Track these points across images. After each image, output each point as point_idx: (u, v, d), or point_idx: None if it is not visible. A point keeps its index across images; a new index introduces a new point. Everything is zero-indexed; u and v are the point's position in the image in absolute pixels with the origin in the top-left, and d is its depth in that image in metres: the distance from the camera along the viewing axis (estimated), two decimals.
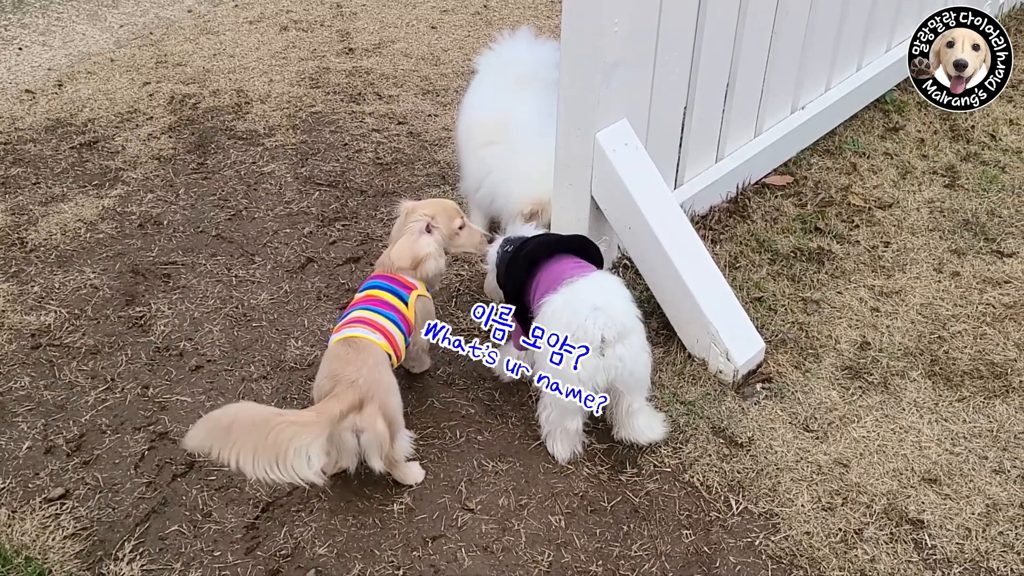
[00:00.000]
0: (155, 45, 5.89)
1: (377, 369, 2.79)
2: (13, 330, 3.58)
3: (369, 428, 2.69)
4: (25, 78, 5.48)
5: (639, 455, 3.06)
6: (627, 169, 3.35)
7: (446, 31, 6.12)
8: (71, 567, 2.71)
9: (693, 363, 3.38)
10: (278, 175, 4.58)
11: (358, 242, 4.08)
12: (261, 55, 5.77)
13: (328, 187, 4.48)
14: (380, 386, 2.76)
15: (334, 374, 2.75)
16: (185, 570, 2.71)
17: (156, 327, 3.61)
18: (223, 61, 5.68)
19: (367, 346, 2.85)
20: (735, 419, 3.17)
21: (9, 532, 2.81)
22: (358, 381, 2.71)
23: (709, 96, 3.88)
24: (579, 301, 2.82)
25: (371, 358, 2.81)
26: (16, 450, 3.10)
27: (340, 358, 2.79)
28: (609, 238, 3.64)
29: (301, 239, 4.12)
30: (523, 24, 6.14)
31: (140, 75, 5.50)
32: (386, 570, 2.71)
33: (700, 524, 2.85)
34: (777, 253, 3.93)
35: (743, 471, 3.00)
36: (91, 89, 5.34)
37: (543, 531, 2.83)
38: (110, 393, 3.32)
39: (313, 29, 6.14)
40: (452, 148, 4.78)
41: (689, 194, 3.94)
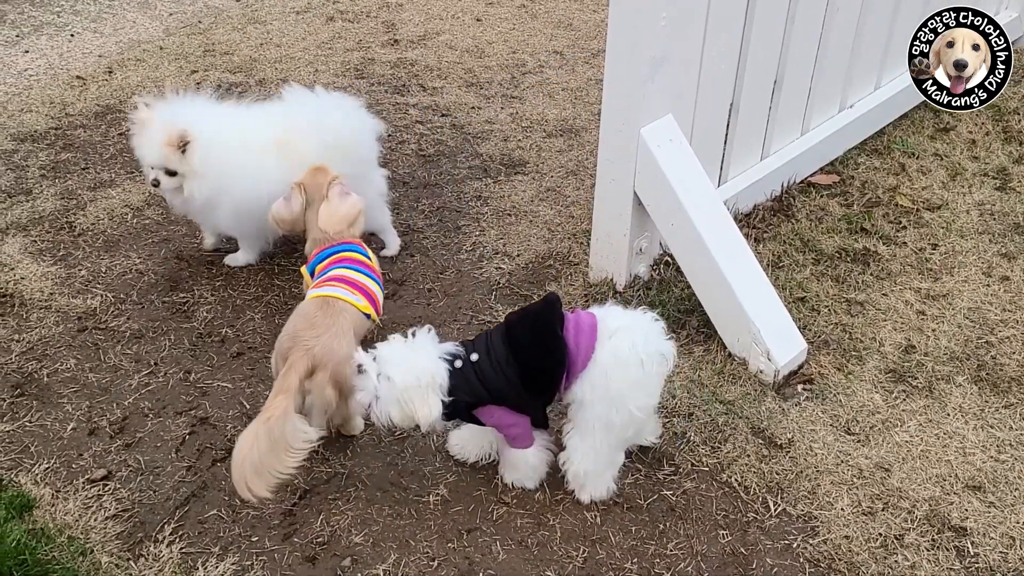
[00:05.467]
0: (203, 34, 5.95)
1: (337, 337, 2.88)
2: (60, 312, 3.64)
3: (316, 393, 2.82)
4: (76, 64, 5.55)
5: (676, 453, 3.04)
6: (671, 165, 3.32)
7: (491, 24, 6.11)
8: (112, 547, 2.75)
9: (733, 362, 3.35)
10: None
11: (399, 233, 4.09)
12: (307, 45, 5.80)
13: None
14: (334, 355, 2.85)
15: (295, 334, 2.86)
16: (223, 554, 2.74)
17: (199, 313, 3.65)
18: (270, 51, 5.72)
19: (340, 310, 2.96)
20: (775, 420, 3.14)
21: (53, 511, 2.86)
22: (313, 349, 2.81)
23: (756, 93, 3.84)
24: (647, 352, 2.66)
25: (336, 324, 2.91)
26: (61, 431, 3.15)
27: (307, 318, 2.91)
28: (651, 234, 3.61)
29: None
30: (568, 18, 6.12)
31: (188, 63, 5.55)
32: (421, 560, 2.72)
33: (737, 525, 2.82)
34: (821, 253, 3.88)
35: (782, 472, 2.97)
36: (140, 76, 5.40)
37: (578, 527, 2.82)
38: (153, 377, 3.36)
39: (359, 20, 6.17)
40: (495, 141, 4.78)
41: (733, 192, 3.91)
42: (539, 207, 4.26)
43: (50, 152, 4.69)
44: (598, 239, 3.65)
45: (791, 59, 3.91)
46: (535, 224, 4.14)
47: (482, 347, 2.71)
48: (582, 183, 4.42)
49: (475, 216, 4.21)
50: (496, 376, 2.66)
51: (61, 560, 2.69)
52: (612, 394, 2.65)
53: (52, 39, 5.87)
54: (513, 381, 2.67)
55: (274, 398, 2.73)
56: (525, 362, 2.66)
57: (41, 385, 3.32)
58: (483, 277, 3.84)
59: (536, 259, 3.92)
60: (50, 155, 4.66)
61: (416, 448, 3.09)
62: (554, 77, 5.43)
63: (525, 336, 2.68)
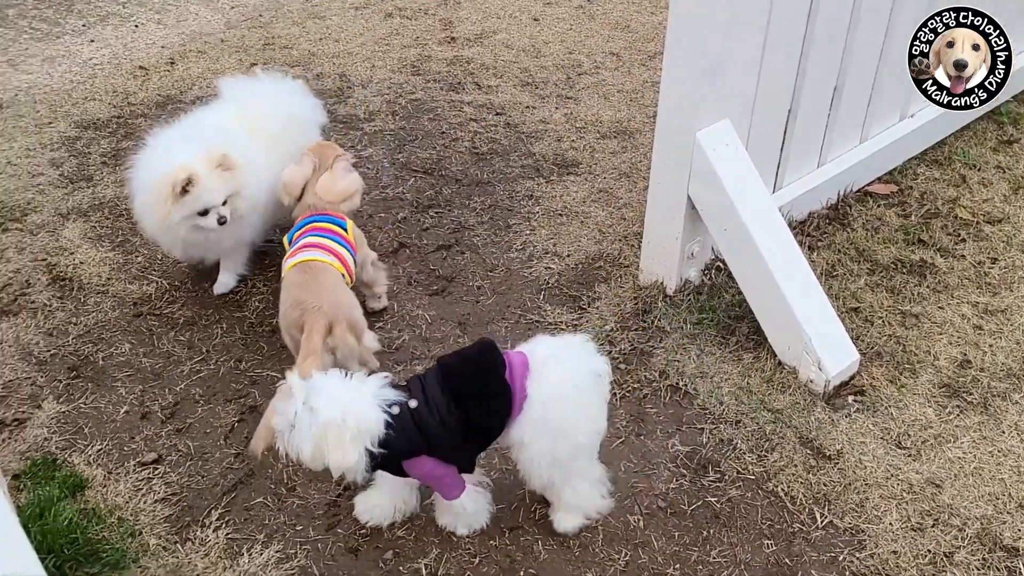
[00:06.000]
0: (264, 27, 6.02)
1: (336, 291, 3.09)
2: (117, 298, 3.71)
3: (341, 346, 3.00)
4: (139, 55, 5.65)
5: (722, 460, 3.02)
6: (726, 169, 3.29)
7: (548, 24, 6.11)
8: (160, 530, 2.80)
9: (783, 371, 3.32)
10: (375, 160, 4.63)
11: (451, 230, 4.11)
12: (365, 41, 5.84)
13: (424, 174, 4.51)
14: (342, 307, 3.06)
15: (299, 301, 3.02)
16: (268, 541, 2.77)
17: (251, 303, 3.70)
18: (328, 45, 5.77)
19: (322, 269, 3.13)
20: (824, 430, 3.10)
21: (104, 492, 2.91)
22: (323, 307, 2.99)
23: (815, 99, 3.79)
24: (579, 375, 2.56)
25: (328, 280, 3.10)
26: (114, 414, 3.21)
27: (301, 285, 3.07)
28: (703, 239, 3.58)
29: (395, 224, 4.16)
30: (625, 19, 6.09)
31: (248, 56, 5.62)
32: (462, 557, 2.73)
33: (782, 535, 2.79)
34: (877, 263, 3.82)
35: (830, 484, 2.93)
36: (201, 68, 5.48)
37: (621, 530, 2.81)
38: (204, 364, 3.41)
39: (417, 17, 6.20)
40: (549, 140, 4.77)
41: (788, 198, 3.86)
42: (591, 208, 4.25)
43: (111, 140, 4.77)
44: (649, 242, 3.63)
45: (852, 66, 3.85)
46: (586, 225, 4.13)
47: (418, 393, 2.53)
48: (635, 185, 4.40)
49: (526, 215, 4.21)
50: (435, 424, 2.49)
51: (110, 540, 2.74)
52: (553, 427, 2.51)
53: (117, 29, 5.98)
54: (453, 429, 2.50)
55: (303, 361, 2.87)
56: (470, 410, 2.51)
57: (96, 368, 3.39)
58: (532, 276, 3.84)
59: (586, 260, 3.91)
60: (111, 143, 4.75)
61: None
62: (610, 78, 5.41)
63: (470, 382, 2.51)
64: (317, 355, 2.90)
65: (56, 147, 4.69)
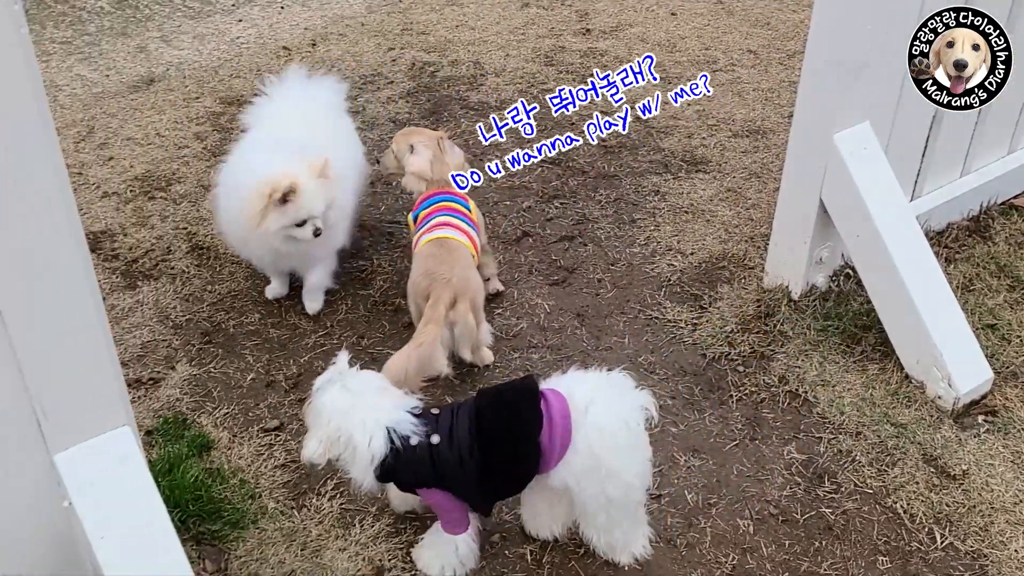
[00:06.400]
0: (403, 13, 6.13)
1: (467, 268, 3.17)
2: (250, 269, 3.83)
3: (461, 321, 3.07)
4: (284, 36, 5.84)
5: (840, 471, 2.94)
6: (863, 174, 3.20)
7: (685, 19, 6.03)
8: (278, 495, 2.90)
9: (910, 384, 3.21)
10: (503, 148, 4.67)
11: (574, 221, 4.11)
12: (500, 30, 5.89)
13: (551, 164, 4.53)
14: (470, 285, 3.14)
15: (429, 272, 3.12)
16: (379, 514, 2.84)
17: (376, 282, 3.78)
18: (464, 33, 5.84)
19: (456, 247, 3.21)
20: (950, 449, 2.99)
21: (228, 454, 3.04)
22: (452, 280, 3.07)
23: None
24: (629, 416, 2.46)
25: (461, 258, 3.18)
26: (242, 380, 3.34)
27: (434, 257, 3.16)
28: (833, 244, 3.49)
29: (519, 212, 4.19)
30: (766, 17, 5.97)
31: (386, 40, 5.74)
32: (567, 546, 2.74)
33: (898, 553, 2.71)
34: (1019, 280, 3.65)
35: (953, 504, 2.82)
36: (341, 50, 5.63)
37: (730, 533, 2.77)
38: (328, 339, 3.51)
39: (553, 7, 6.21)
40: (679, 137, 4.72)
41: (926, 207, 3.72)
42: (717, 207, 4.19)
43: None
44: (776, 244, 3.56)
45: None
46: (712, 224, 4.08)
47: (445, 429, 2.45)
48: (765, 186, 4.31)
49: (651, 211, 4.18)
50: (454, 462, 2.42)
51: (232, 500, 2.86)
52: (604, 473, 2.41)
53: (264, 10, 6.19)
54: (471, 475, 2.42)
55: (424, 326, 3.00)
56: (491, 463, 2.42)
57: (227, 335, 3.53)
58: (654, 272, 3.81)
59: (710, 259, 3.86)
60: None
61: None
62: (746, 76, 5.32)
63: (498, 433, 2.42)
64: (439, 323, 3.00)
65: (201, 121, 4.89)
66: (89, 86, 5.22)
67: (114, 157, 4.57)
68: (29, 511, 2.12)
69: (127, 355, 3.41)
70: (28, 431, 2.02)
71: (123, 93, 5.14)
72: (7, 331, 1.89)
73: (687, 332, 3.51)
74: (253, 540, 2.76)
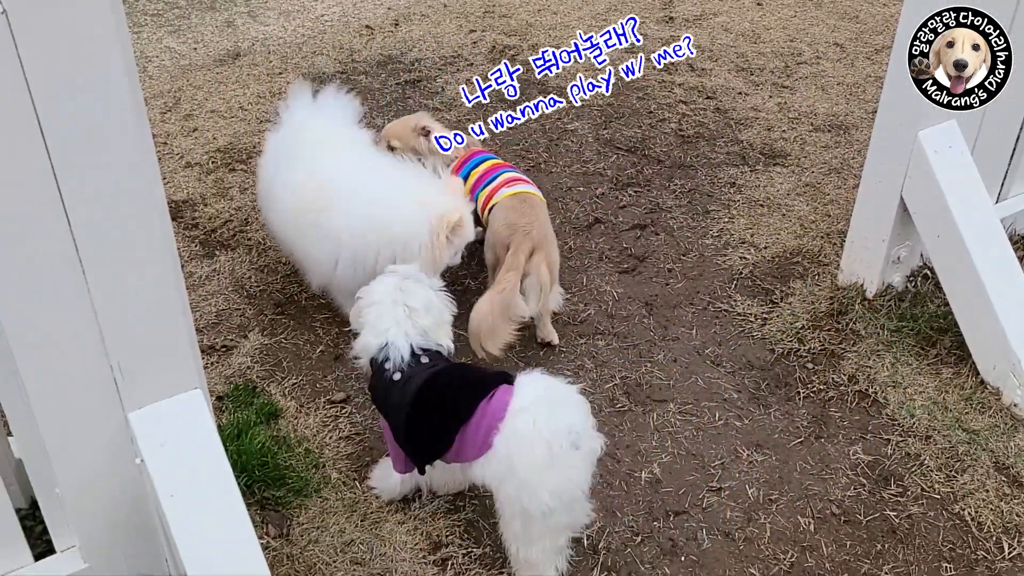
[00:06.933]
0: None
1: (545, 225, 3.27)
2: None
3: (534, 272, 3.15)
4: (367, 14, 5.90)
5: (907, 474, 2.89)
6: (947, 173, 3.12)
7: (771, 9, 5.93)
8: (342, 465, 2.96)
9: (985, 390, 3.13)
10: (580, 134, 4.66)
11: (647, 210, 4.09)
12: (582, 15, 5.86)
13: (626, 152, 4.51)
14: (548, 239, 3.24)
15: (511, 223, 3.20)
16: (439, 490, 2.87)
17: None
18: (546, 17, 5.83)
19: (537, 202, 3.32)
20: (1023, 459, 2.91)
21: (295, 424, 3.10)
22: (532, 232, 3.16)
23: None
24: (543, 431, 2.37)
25: (541, 213, 3.28)
26: (311, 352, 3.40)
27: (515, 209, 3.25)
28: (912, 244, 3.41)
29: (592, 199, 4.18)
30: (855, 10, 5.84)
31: (468, 22, 5.76)
32: (624, 533, 2.74)
33: (963, 560, 2.65)
34: None
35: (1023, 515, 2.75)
36: (422, 31, 5.67)
37: (790, 530, 2.75)
38: None
39: None
40: (758, 129, 4.66)
41: (1013, 210, 3.61)
42: (794, 201, 4.12)
43: None
44: (853, 241, 3.50)
45: None
46: (787, 218, 4.02)
47: (411, 375, 2.53)
48: (844, 182, 4.23)
49: (726, 203, 4.14)
50: (395, 408, 2.54)
51: (297, 469, 2.92)
52: (519, 482, 2.36)
53: None
54: (400, 426, 2.54)
55: (505, 273, 3.10)
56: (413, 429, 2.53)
57: (299, 307, 3.60)
58: (725, 265, 3.77)
59: (783, 254, 3.81)
60: None
61: (635, 424, 3.10)
62: (830, 70, 5.21)
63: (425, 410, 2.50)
64: (518, 272, 3.10)
65: (284, 96, 4.96)
66: (177, 58, 5.34)
67: (198, 128, 4.67)
68: (105, 466, 2.20)
69: (202, 322, 3.50)
70: (107, 389, 2.09)
71: (209, 66, 5.25)
72: (89, 294, 1.96)
73: (756, 326, 3.47)
74: (315, 508, 2.82)
